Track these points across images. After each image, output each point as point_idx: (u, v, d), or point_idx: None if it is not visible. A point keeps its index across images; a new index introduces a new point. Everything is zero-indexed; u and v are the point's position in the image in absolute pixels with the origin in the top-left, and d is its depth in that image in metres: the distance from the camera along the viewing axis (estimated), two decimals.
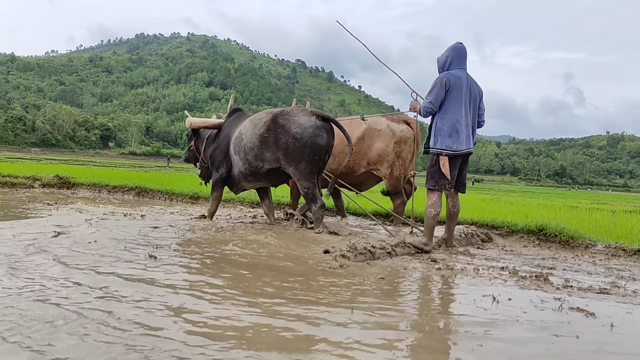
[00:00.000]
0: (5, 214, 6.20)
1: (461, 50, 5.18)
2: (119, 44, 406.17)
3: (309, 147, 5.47)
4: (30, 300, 2.67)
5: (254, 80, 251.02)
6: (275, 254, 4.41)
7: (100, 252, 4.02)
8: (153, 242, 4.61)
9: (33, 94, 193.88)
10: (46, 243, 4.25)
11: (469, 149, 5.11)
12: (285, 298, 3.01)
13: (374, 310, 2.86)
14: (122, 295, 2.86)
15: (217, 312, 2.67)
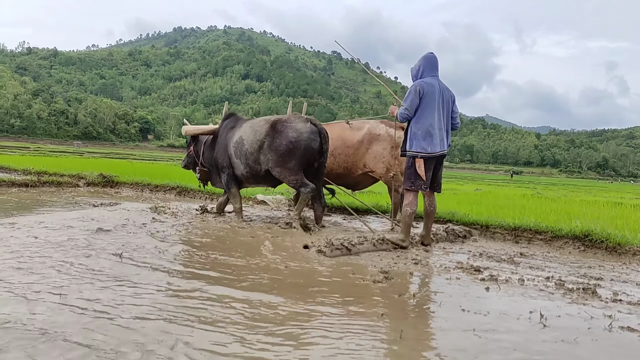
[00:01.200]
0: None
1: (432, 59, 5.59)
2: (157, 38, 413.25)
3: (303, 149, 5.98)
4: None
5: (290, 73, 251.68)
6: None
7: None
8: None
9: (75, 88, 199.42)
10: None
11: (442, 151, 5.46)
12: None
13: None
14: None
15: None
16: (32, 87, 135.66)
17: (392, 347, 2.59)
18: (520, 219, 7.02)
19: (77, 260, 3.97)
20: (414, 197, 5.51)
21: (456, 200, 10.51)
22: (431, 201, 5.75)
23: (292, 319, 2.91)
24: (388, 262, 4.67)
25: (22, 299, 2.95)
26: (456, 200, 10.71)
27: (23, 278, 3.37)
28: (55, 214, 6.33)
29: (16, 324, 2.57)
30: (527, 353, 2.63)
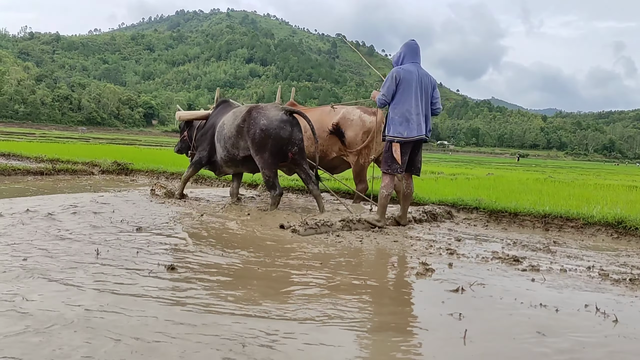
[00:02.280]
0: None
1: (413, 46, 5.74)
2: (160, 22, 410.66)
3: (272, 139, 6.05)
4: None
5: (294, 56, 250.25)
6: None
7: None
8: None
9: (78, 73, 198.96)
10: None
11: (420, 136, 5.57)
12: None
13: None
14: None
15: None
16: (35, 73, 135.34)
17: (458, 349, 2.47)
18: (538, 201, 6.87)
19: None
20: (390, 180, 5.69)
21: (472, 186, 10.37)
22: (408, 184, 5.94)
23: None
24: (422, 252, 4.55)
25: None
26: (472, 185, 10.56)
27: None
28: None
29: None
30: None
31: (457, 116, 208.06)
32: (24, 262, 3.42)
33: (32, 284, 2.99)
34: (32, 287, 2.93)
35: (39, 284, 3.00)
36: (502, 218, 6.56)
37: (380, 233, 5.38)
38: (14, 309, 2.58)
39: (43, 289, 2.92)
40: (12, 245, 3.90)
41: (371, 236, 5.16)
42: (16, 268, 3.28)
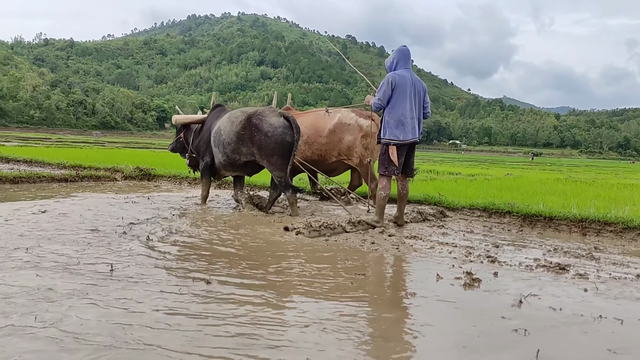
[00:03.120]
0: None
1: (406, 52, 5.99)
2: (172, 26, 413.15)
3: (279, 144, 6.27)
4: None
5: (305, 58, 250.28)
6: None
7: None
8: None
9: (92, 78, 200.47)
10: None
11: (414, 139, 5.81)
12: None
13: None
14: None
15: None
16: (50, 78, 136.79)
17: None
18: (565, 203, 6.71)
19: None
20: (387, 182, 5.89)
21: (494, 187, 10.22)
22: (404, 185, 6.13)
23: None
24: (462, 259, 4.43)
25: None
26: (493, 186, 10.41)
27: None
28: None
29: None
30: None
31: (468, 115, 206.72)
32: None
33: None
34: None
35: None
36: (536, 222, 6.41)
37: (416, 239, 5.27)
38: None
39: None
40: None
41: (406, 243, 5.05)
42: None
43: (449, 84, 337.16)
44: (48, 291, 3.02)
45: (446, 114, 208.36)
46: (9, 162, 12.54)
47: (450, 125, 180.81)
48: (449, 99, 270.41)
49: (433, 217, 6.75)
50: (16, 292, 2.98)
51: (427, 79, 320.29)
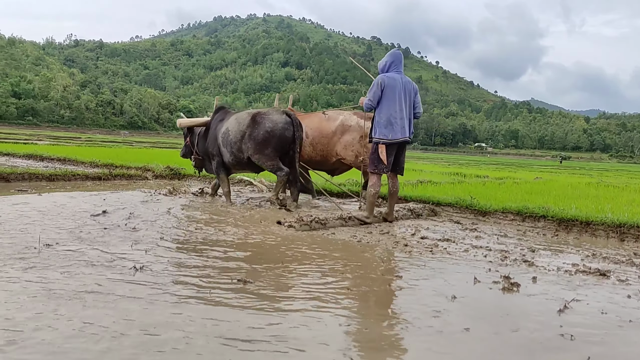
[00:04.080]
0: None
1: (398, 56, 6.30)
2: (198, 28, 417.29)
3: (277, 137, 6.71)
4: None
5: (329, 59, 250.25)
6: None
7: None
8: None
9: (120, 79, 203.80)
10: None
11: (404, 138, 6.05)
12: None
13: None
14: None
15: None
16: (80, 79, 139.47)
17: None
18: (612, 212, 6.57)
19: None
20: (377, 179, 6.15)
21: (524, 191, 10.08)
22: (394, 182, 6.37)
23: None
24: (498, 263, 4.37)
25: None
26: (523, 190, 10.27)
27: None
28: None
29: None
30: None
31: (495, 118, 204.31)
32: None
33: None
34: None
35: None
36: (572, 227, 6.29)
37: (449, 241, 5.22)
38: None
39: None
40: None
41: (439, 246, 5.00)
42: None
43: (475, 85, 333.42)
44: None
45: (472, 116, 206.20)
46: (43, 160, 12.81)
47: (475, 128, 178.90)
48: (475, 101, 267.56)
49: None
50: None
51: (452, 81, 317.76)
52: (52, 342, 2.29)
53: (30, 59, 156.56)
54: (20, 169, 9.04)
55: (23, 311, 2.64)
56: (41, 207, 5.90)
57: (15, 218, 5.10)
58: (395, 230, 5.79)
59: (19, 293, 2.91)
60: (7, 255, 3.66)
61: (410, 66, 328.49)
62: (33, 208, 5.79)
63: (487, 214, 7.02)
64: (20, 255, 3.70)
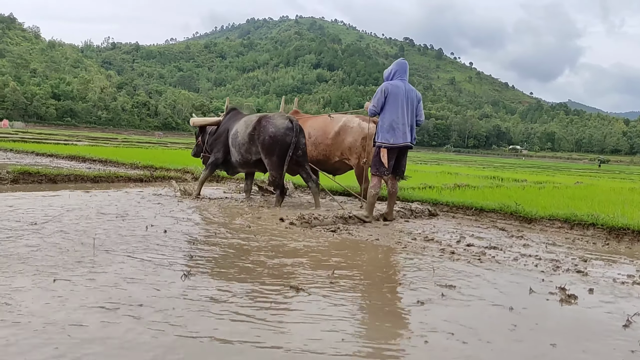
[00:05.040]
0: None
1: (403, 65, 6.62)
2: (231, 30, 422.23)
3: (279, 144, 6.97)
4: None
5: (361, 61, 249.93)
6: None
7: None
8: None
9: (155, 81, 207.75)
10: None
11: (405, 143, 6.35)
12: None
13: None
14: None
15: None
16: (116, 81, 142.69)
17: None
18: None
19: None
20: (378, 181, 6.44)
21: (566, 196, 9.81)
22: (393, 184, 6.67)
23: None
24: (549, 272, 4.24)
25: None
26: (565, 195, 10.00)
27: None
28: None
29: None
30: None
31: (530, 120, 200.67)
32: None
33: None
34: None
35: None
36: (623, 236, 6.09)
37: (496, 249, 5.10)
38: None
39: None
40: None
41: (487, 254, 4.89)
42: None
43: (510, 87, 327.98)
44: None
45: (506, 118, 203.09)
46: (85, 161, 13.10)
47: (510, 130, 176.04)
48: (510, 103, 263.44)
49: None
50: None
51: (486, 82, 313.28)
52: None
53: (70, 62, 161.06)
54: (65, 171, 9.27)
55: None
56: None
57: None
58: (439, 236, 5.69)
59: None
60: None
61: (444, 67, 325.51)
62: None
63: (532, 220, 6.84)
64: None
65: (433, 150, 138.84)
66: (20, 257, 3.72)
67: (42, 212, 5.60)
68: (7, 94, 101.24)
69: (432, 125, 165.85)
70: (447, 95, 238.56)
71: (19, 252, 3.84)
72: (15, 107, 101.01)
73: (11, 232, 4.51)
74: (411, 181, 11.60)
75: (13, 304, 2.79)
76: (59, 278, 3.28)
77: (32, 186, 8.10)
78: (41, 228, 4.77)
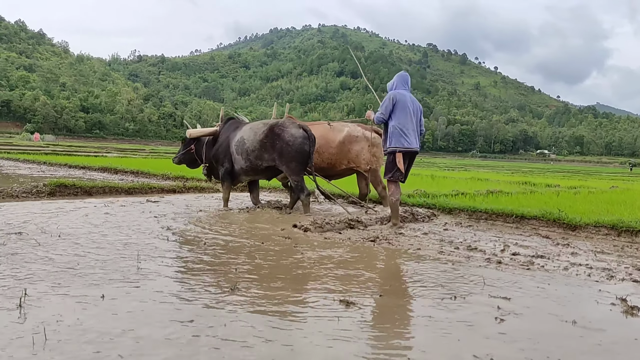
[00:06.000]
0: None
1: (404, 77, 6.84)
2: (255, 40, 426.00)
3: (299, 152, 7.16)
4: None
5: (384, 68, 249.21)
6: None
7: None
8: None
9: (181, 92, 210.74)
10: None
11: (415, 148, 6.52)
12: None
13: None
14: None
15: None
16: (143, 93, 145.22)
17: None
18: None
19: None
20: (396, 187, 6.53)
21: (603, 201, 9.53)
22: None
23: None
24: (605, 283, 4.04)
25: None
26: (602, 200, 9.72)
27: None
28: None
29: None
30: None
31: (558, 124, 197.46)
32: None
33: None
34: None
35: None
36: None
37: (543, 258, 4.91)
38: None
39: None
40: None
41: (535, 263, 4.70)
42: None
43: (536, 90, 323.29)
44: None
45: (533, 122, 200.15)
46: (117, 172, 13.23)
47: (537, 135, 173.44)
48: (536, 107, 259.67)
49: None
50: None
51: (512, 86, 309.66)
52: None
53: (97, 75, 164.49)
54: (100, 183, 9.32)
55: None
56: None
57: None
58: (481, 245, 5.52)
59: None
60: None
61: (468, 72, 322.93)
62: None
63: (577, 227, 6.60)
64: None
65: (459, 156, 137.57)
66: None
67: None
68: (38, 107, 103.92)
69: (457, 131, 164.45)
70: (472, 101, 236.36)
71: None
72: (45, 121, 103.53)
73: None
74: (443, 188, 11.47)
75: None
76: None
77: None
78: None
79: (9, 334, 2.53)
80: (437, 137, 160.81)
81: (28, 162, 16.66)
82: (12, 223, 5.51)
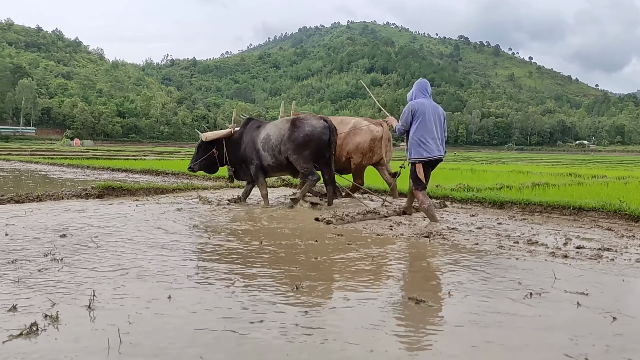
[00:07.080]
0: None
1: (422, 83, 6.84)
2: (284, 39, 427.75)
3: (316, 141, 7.43)
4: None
5: (415, 62, 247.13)
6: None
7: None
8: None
9: (213, 94, 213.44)
10: None
11: (439, 156, 6.55)
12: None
13: None
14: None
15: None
16: (176, 96, 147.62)
17: None
18: None
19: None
20: (424, 195, 6.53)
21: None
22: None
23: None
24: None
25: None
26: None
27: None
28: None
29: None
30: None
31: (597, 113, 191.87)
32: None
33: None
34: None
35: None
36: None
37: (611, 251, 4.65)
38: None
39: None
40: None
41: (603, 256, 4.46)
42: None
43: (574, 80, 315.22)
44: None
45: (571, 112, 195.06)
46: (159, 174, 13.38)
47: (576, 125, 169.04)
48: (574, 97, 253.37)
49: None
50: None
51: (548, 77, 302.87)
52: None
53: (132, 80, 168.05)
54: (144, 185, 9.41)
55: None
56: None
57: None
58: (542, 239, 5.28)
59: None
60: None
61: (502, 64, 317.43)
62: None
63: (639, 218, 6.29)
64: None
65: (494, 149, 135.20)
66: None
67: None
68: (77, 114, 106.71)
69: (492, 124, 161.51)
70: (506, 92, 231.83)
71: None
72: (84, 126, 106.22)
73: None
74: (485, 182, 11.19)
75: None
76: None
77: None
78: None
79: (85, 334, 2.48)
80: (471, 130, 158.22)
81: (72, 166, 17.03)
82: (70, 225, 5.55)
